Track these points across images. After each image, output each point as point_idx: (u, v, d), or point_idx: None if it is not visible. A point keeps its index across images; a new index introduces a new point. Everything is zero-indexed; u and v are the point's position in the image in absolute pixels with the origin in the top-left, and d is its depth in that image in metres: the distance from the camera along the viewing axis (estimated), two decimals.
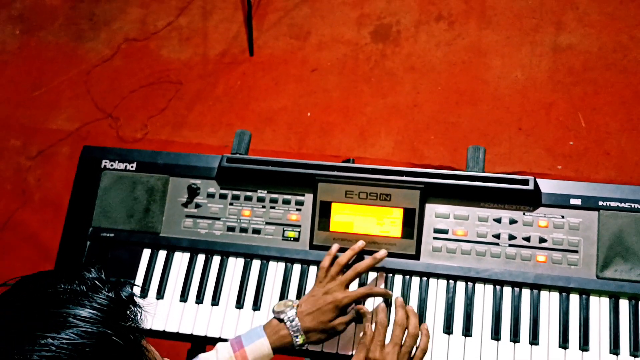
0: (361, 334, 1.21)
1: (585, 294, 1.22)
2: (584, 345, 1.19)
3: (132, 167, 1.41)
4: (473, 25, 2.73)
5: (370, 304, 1.29)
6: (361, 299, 1.24)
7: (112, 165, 1.42)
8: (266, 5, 2.95)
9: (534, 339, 1.21)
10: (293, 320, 1.18)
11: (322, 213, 1.33)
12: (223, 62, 2.89)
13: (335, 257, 1.27)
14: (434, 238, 1.29)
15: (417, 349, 1.18)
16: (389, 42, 2.77)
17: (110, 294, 0.73)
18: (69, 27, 3.15)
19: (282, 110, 2.73)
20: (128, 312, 0.74)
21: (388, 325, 1.21)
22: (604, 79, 2.53)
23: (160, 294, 1.35)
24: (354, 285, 1.28)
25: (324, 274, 1.24)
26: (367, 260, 1.24)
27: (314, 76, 2.77)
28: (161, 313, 1.33)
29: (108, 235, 1.39)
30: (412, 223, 1.29)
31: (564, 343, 1.20)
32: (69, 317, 0.68)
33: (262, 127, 2.71)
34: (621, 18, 2.61)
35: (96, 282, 0.74)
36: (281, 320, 1.19)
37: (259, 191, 1.37)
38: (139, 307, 0.77)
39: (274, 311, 1.22)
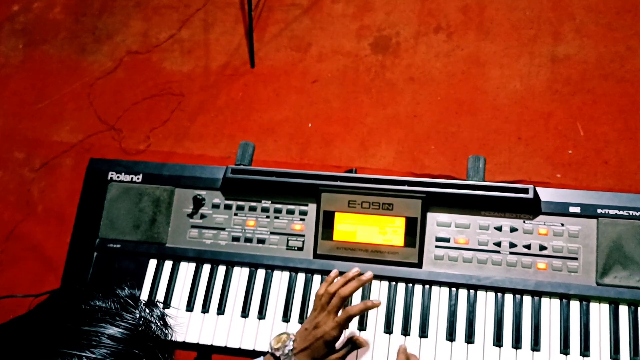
0: None
1: (585, 300, 1.24)
2: (585, 351, 1.20)
3: (138, 178, 1.44)
4: (472, 36, 2.75)
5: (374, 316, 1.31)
6: (347, 323, 1.20)
7: (118, 177, 1.45)
8: (267, 18, 2.99)
9: (536, 345, 1.22)
10: (290, 358, 1.18)
11: (326, 223, 1.35)
12: (224, 74, 2.91)
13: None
14: (436, 246, 1.31)
15: None
16: (389, 54, 2.80)
17: (142, 314, 0.74)
18: (72, 41, 3.18)
19: (283, 121, 2.75)
20: (159, 332, 0.75)
21: None
22: (602, 89, 2.54)
23: (166, 304, 1.37)
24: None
25: (318, 303, 1.22)
26: (352, 283, 1.21)
27: (315, 87, 2.79)
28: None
29: (115, 246, 1.41)
30: (414, 232, 1.31)
31: (565, 349, 1.21)
32: (102, 337, 0.68)
33: (264, 138, 2.73)
34: (618, 28, 2.63)
35: (129, 300, 0.75)
36: (277, 358, 1.19)
37: (263, 201, 1.40)
38: (170, 327, 0.78)
39: (271, 347, 1.21)
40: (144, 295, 1.38)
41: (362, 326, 1.30)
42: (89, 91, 3.02)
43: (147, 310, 0.76)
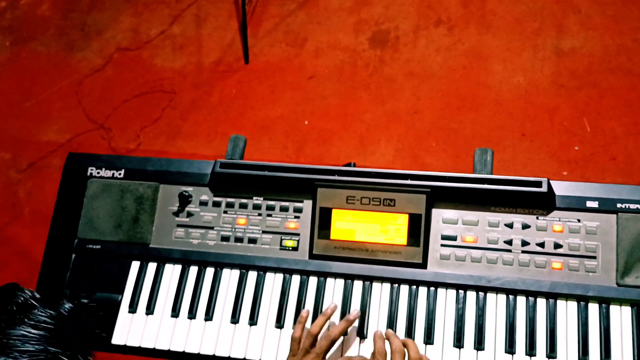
0: None
1: (605, 302, 1.15)
2: (606, 357, 1.11)
3: (119, 174, 1.34)
4: (473, 29, 2.68)
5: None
6: None
7: (98, 172, 1.35)
8: (261, 13, 2.90)
9: (552, 352, 1.13)
10: None
11: (322, 220, 1.26)
12: (218, 70, 2.83)
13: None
14: (442, 245, 1.22)
15: None
16: (388, 48, 2.72)
17: (48, 310, 0.68)
18: (60, 38, 3.09)
19: (278, 118, 2.67)
20: (72, 326, 0.69)
21: (387, 353, 1.12)
22: (609, 83, 2.47)
23: (150, 309, 1.27)
24: None
25: (297, 346, 1.15)
26: (341, 324, 1.16)
27: (311, 83, 2.71)
28: (151, 329, 1.25)
29: (94, 247, 1.31)
30: (418, 230, 1.22)
31: (583, 356, 1.12)
32: (3, 339, 0.64)
33: (259, 136, 2.64)
34: (624, 20, 2.56)
35: (30, 300, 0.70)
36: None
37: (254, 198, 1.30)
38: (88, 317, 0.72)
39: None
40: (126, 300, 1.27)
41: (362, 332, 1.20)
42: (78, 89, 2.93)
43: (54, 306, 0.71)
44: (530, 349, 1.14)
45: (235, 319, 1.24)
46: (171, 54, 2.91)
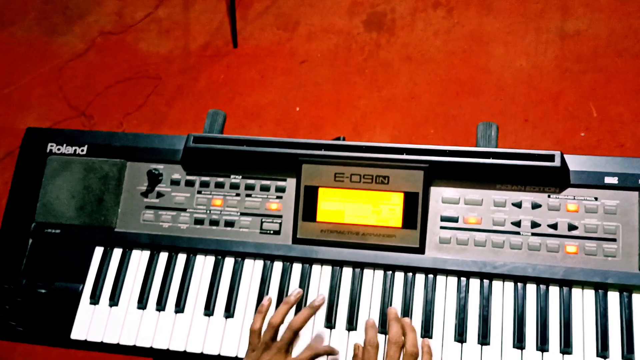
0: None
1: (626, 290, 1.03)
2: (628, 352, 0.99)
3: (82, 150, 1.21)
4: (473, 11, 2.57)
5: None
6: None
7: (59, 149, 1.21)
8: None
9: (566, 347, 1.00)
10: None
11: (307, 200, 1.13)
12: (205, 55, 2.71)
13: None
14: (442, 227, 1.10)
15: None
16: (384, 31, 2.61)
17: None
18: (41, 22, 2.96)
19: (269, 105, 2.55)
20: None
21: (379, 344, 1.00)
22: (616, 66, 2.37)
23: (114, 300, 1.14)
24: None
25: (257, 340, 1.02)
26: (303, 312, 1.03)
27: (304, 68, 2.60)
28: (115, 323, 1.12)
29: (53, 231, 1.18)
30: (415, 210, 1.10)
31: (603, 351, 1.00)
32: None
33: (248, 123, 2.52)
34: (632, 1, 2.48)
35: None
36: None
37: (232, 176, 1.17)
38: None
39: None
40: (87, 290, 1.14)
41: (352, 325, 1.07)
42: (59, 75, 2.80)
43: None
44: (542, 343, 1.01)
45: (209, 310, 1.11)
46: (157, 38, 2.80)
